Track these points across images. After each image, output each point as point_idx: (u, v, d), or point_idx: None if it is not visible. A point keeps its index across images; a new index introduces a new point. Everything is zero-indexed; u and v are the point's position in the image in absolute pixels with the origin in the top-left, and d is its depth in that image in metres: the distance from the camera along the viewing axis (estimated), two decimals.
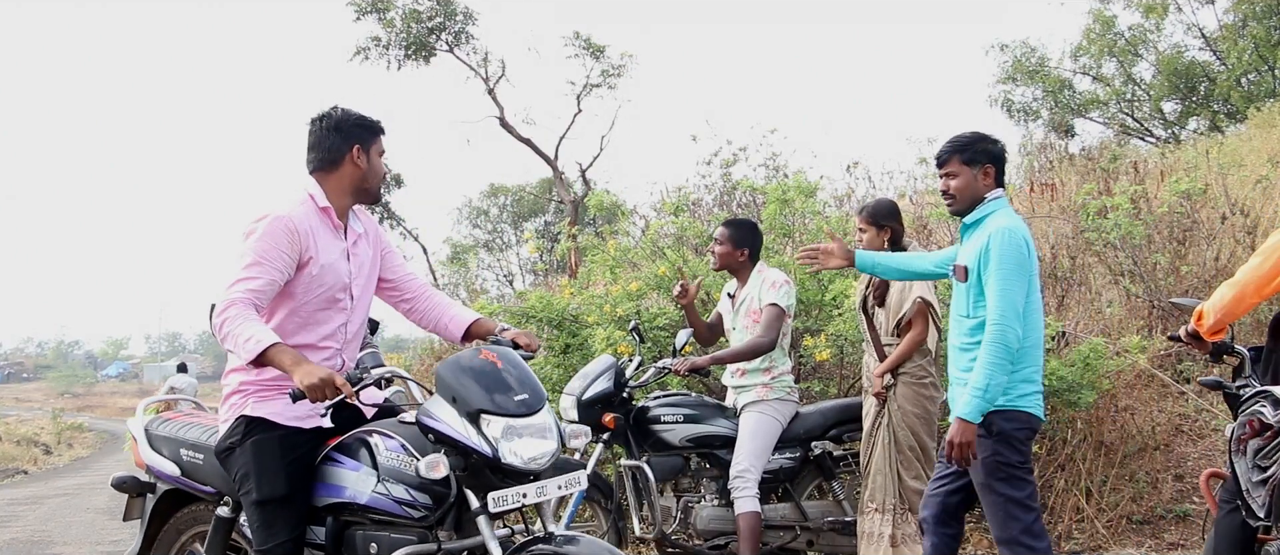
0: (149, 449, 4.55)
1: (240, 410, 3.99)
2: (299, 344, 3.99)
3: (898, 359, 5.93)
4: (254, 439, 3.94)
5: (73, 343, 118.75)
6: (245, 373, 3.97)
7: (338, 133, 4.08)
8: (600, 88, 25.45)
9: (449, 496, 3.82)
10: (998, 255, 4.59)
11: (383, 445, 3.92)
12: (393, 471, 3.86)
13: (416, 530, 3.86)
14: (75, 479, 20.08)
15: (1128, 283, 10.03)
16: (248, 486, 3.91)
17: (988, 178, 4.81)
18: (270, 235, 3.86)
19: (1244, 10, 23.88)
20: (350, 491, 3.94)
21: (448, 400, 3.79)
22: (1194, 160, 13.01)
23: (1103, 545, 7.32)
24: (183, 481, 4.45)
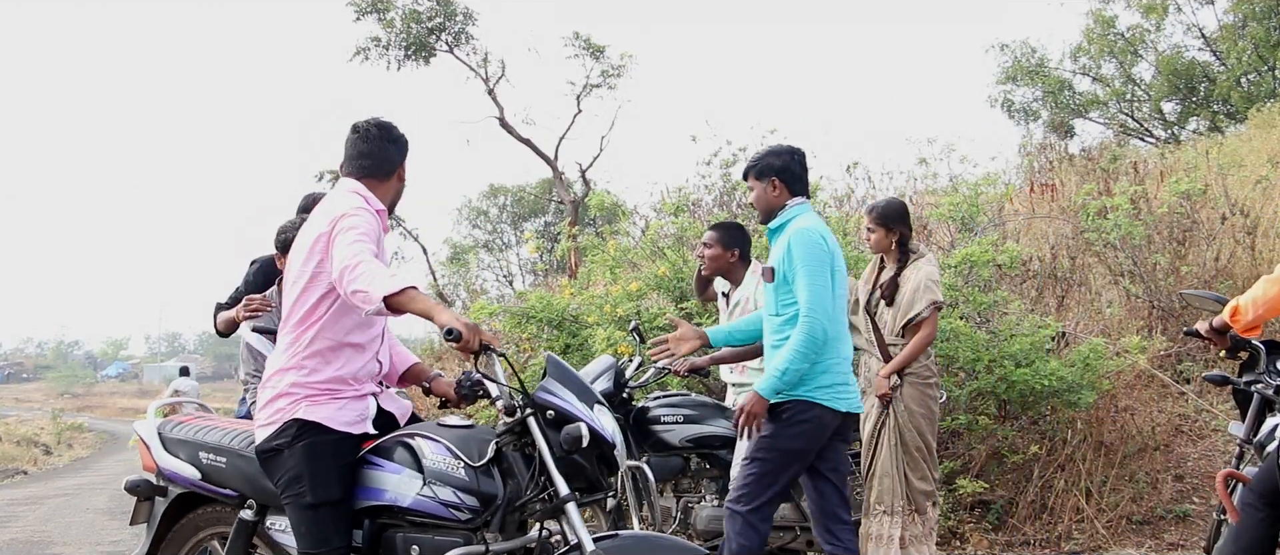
0: (163, 452, 4.49)
1: (290, 413, 3.93)
2: (352, 342, 4.03)
3: (906, 359, 5.92)
4: (306, 442, 3.91)
5: (72, 343, 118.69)
6: (298, 373, 3.95)
7: (395, 145, 4.18)
8: (600, 88, 25.42)
9: (497, 498, 3.87)
10: (800, 254, 4.83)
11: (428, 448, 3.94)
12: (439, 474, 3.89)
13: (461, 532, 3.88)
14: (75, 479, 20.07)
15: (1128, 283, 10.03)
16: (299, 489, 3.90)
17: (776, 189, 5.06)
18: (370, 224, 3.92)
19: (1244, 10, 23.87)
20: (391, 494, 3.94)
21: (564, 385, 3.95)
22: (1194, 161, 13.00)
23: (1103, 545, 7.33)
24: (201, 485, 4.40)
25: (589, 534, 3.81)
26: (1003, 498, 7.75)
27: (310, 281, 3.94)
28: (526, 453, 3.94)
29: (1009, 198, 11.80)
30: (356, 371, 4.05)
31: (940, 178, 12.93)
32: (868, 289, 6.19)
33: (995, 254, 8.16)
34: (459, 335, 3.60)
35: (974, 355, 7.46)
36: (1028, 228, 11.52)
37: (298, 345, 3.97)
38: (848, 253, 7.93)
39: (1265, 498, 4.61)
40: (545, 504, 3.89)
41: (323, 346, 3.96)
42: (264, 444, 3.99)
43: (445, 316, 3.64)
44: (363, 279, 3.66)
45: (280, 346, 4.05)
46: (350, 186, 4.10)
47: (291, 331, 4.00)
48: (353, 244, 3.77)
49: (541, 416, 3.90)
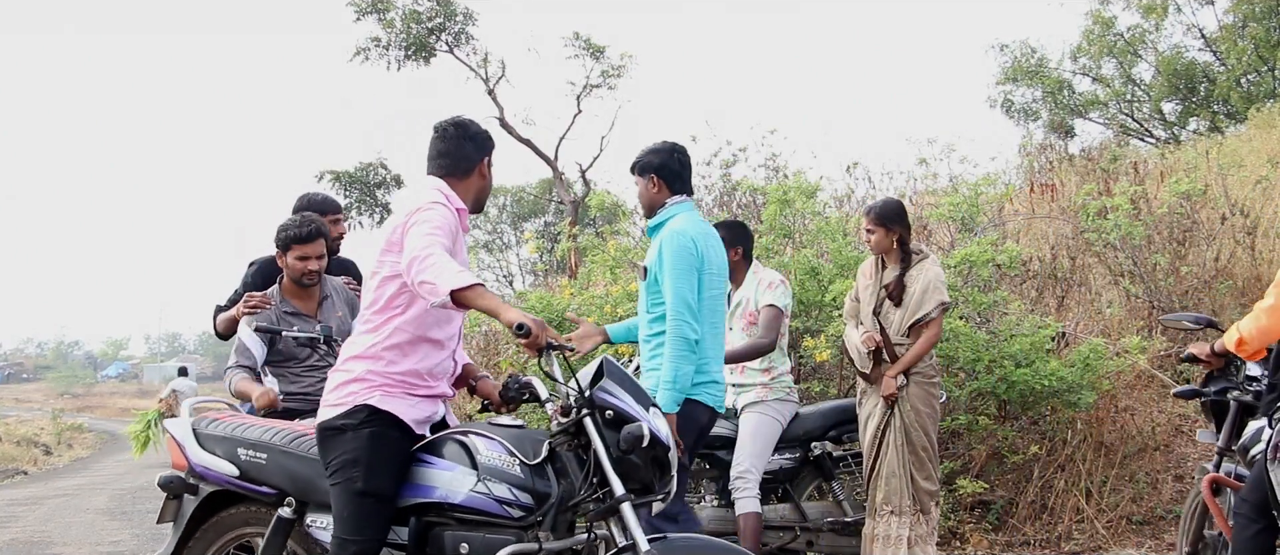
0: (200, 449, 4.45)
1: (363, 398, 3.96)
2: (432, 338, 4.07)
3: (913, 359, 5.94)
4: (372, 430, 3.93)
5: (72, 343, 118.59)
6: (375, 363, 3.98)
7: (473, 143, 4.24)
8: (600, 88, 25.42)
9: (551, 496, 3.89)
10: (669, 256, 4.97)
11: (482, 445, 3.96)
12: (495, 470, 3.91)
13: (512, 531, 3.89)
14: (75, 479, 20.07)
15: (1128, 283, 10.04)
16: (353, 474, 3.91)
17: (655, 186, 5.23)
18: (445, 219, 3.96)
19: (1243, 11, 23.87)
20: (442, 491, 3.96)
21: (621, 386, 3.96)
22: (1194, 161, 13.01)
23: (1103, 546, 7.33)
24: (238, 483, 4.37)
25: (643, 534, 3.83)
26: (1003, 498, 7.76)
27: (388, 271, 3.99)
28: (580, 453, 3.97)
29: (1009, 198, 11.81)
30: (433, 367, 4.10)
31: (940, 178, 12.93)
32: (871, 290, 6.19)
33: (995, 254, 8.16)
34: (529, 331, 3.65)
35: (974, 355, 7.46)
36: (1028, 228, 11.52)
37: (376, 336, 4.01)
38: (849, 253, 7.94)
39: (1258, 508, 4.60)
40: (598, 504, 3.91)
41: (401, 340, 4.00)
42: (329, 421, 4.00)
43: (513, 314, 3.70)
44: (431, 271, 3.70)
45: (357, 336, 4.11)
46: (432, 184, 4.16)
47: (369, 322, 4.05)
48: (425, 236, 3.81)
49: (599, 416, 3.91)
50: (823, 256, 8.30)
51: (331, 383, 4.07)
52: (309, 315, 5.61)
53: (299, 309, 5.60)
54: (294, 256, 5.49)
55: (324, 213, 5.93)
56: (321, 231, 5.55)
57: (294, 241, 5.47)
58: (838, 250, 8.03)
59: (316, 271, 5.55)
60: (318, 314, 5.65)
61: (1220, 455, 5.34)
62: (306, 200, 6.08)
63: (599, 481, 3.90)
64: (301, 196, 6.12)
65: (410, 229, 3.88)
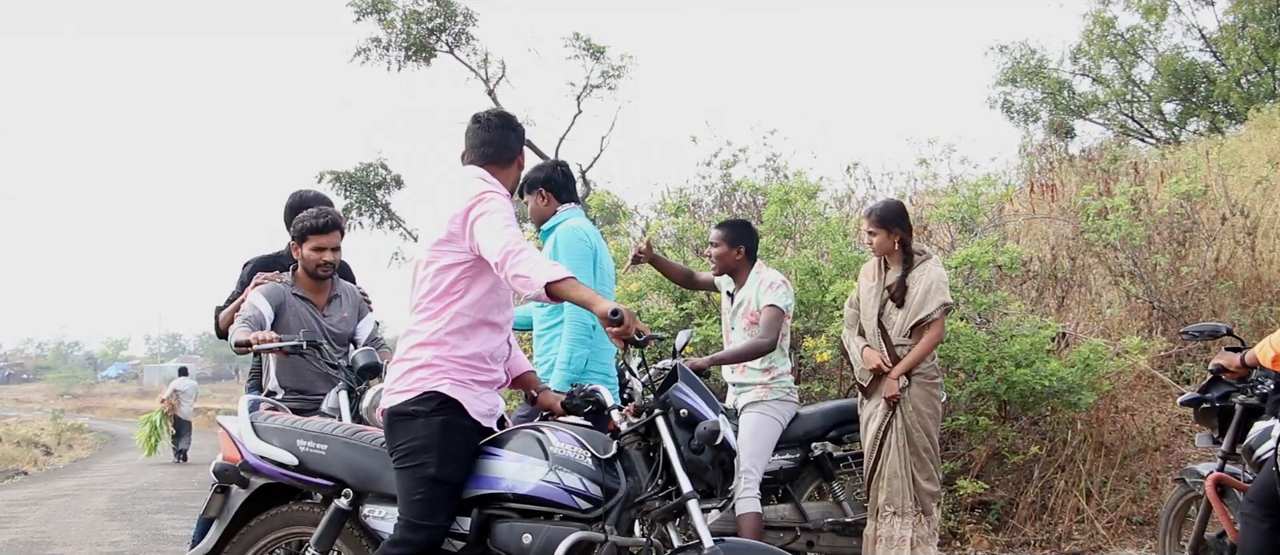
0: (257, 439, 4.44)
1: (432, 384, 4.01)
2: (491, 321, 4.14)
3: (915, 360, 5.94)
4: (444, 418, 3.99)
5: (73, 344, 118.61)
6: (439, 348, 4.04)
7: (515, 133, 4.37)
8: (600, 89, 25.42)
9: (620, 490, 3.96)
10: (563, 249, 5.42)
11: (554, 438, 4.04)
12: (567, 460, 3.98)
13: (578, 523, 3.94)
14: (75, 480, 20.05)
15: (1128, 284, 10.04)
16: (425, 459, 3.95)
17: (545, 199, 5.79)
18: (509, 209, 4.05)
19: (1243, 11, 23.87)
20: (508, 482, 4.01)
21: (695, 391, 4.06)
22: (1194, 161, 13.01)
23: (1103, 546, 7.33)
24: (294, 475, 4.38)
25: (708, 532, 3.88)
26: (1003, 498, 7.75)
27: (447, 259, 4.05)
28: (648, 454, 4.04)
29: (1009, 198, 11.81)
30: (494, 350, 4.17)
31: (940, 179, 12.93)
32: (873, 292, 6.18)
33: (996, 255, 8.17)
34: (622, 319, 3.70)
35: (974, 356, 7.47)
36: (1028, 228, 11.53)
37: (438, 320, 4.06)
38: (849, 254, 7.94)
39: (1265, 507, 4.59)
40: (663, 503, 3.96)
41: (463, 324, 4.06)
42: (398, 406, 4.04)
43: (606, 303, 3.75)
44: (526, 265, 3.79)
45: (417, 324, 4.12)
46: (476, 173, 4.21)
47: (428, 308, 4.08)
48: (506, 227, 3.90)
49: (673, 416, 3.99)
50: (823, 257, 8.30)
51: (397, 370, 4.11)
52: (317, 305, 5.67)
53: (308, 296, 5.66)
54: (309, 248, 5.56)
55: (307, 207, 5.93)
56: (338, 224, 5.62)
57: (310, 232, 5.54)
58: (838, 251, 8.04)
59: (331, 263, 5.62)
60: (325, 308, 5.70)
61: (1224, 458, 5.34)
62: (299, 197, 6.11)
63: (665, 482, 3.96)
64: (293, 194, 6.15)
65: (478, 220, 3.95)
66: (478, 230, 3.94)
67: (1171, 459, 8.13)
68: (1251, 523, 4.65)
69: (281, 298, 5.59)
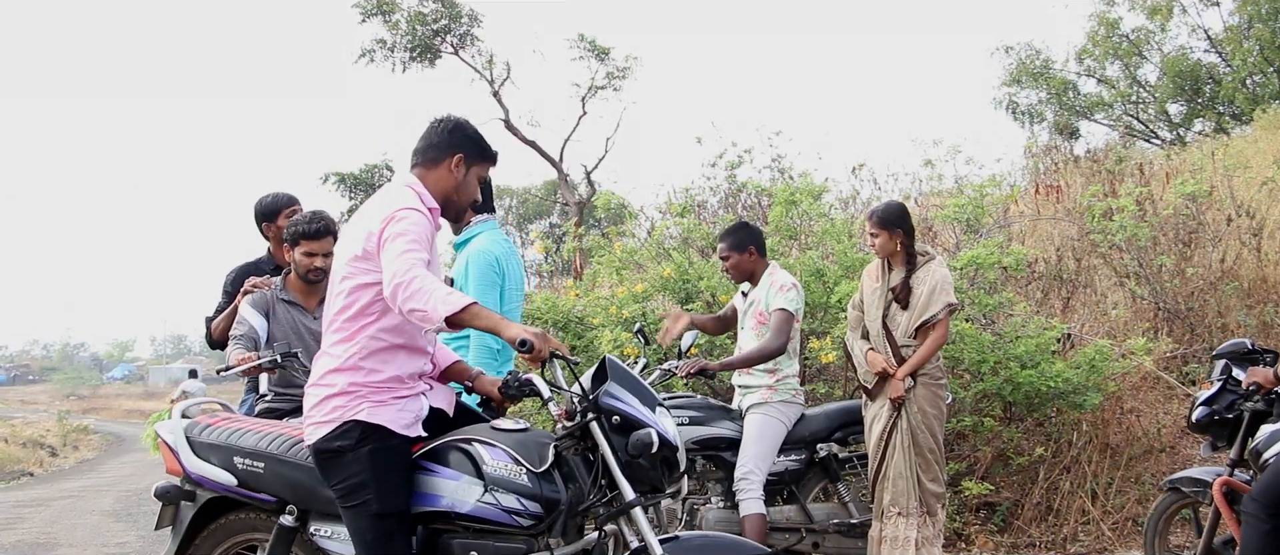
0: (193, 456, 4.33)
1: (351, 413, 3.84)
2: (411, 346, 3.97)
3: (921, 361, 5.93)
4: (372, 448, 3.83)
5: (78, 345, 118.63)
6: (355, 374, 3.86)
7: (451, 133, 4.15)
8: (605, 90, 25.46)
9: (560, 503, 3.85)
10: (474, 273, 5.46)
11: (488, 455, 3.89)
12: (502, 481, 3.85)
13: (522, 538, 3.87)
14: (81, 481, 20.09)
15: (1133, 285, 10.03)
16: (365, 497, 3.82)
17: None
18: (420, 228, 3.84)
19: (1249, 12, 23.85)
20: (448, 501, 3.89)
21: (625, 388, 3.94)
22: (1199, 162, 12.99)
23: (1108, 547, 7.32)
24: (237, 491, 4.27)
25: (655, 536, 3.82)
26: (1008, 500, 7.75)
27: (362, 277, 3.87)
28: (587, 456, 3.95)
29: (1014, 199, 11.79)
30: (414, 371, 4.01)
31: (945, 180, 12.92)
32: (877, 293, 6.17)
33: (1001, 256, 8.16)
34: (531, 346, 3.61)
35: (979, 357, 7.46)
36: (1033, 229, 11.52)
37: (353, 344, 3.88)
38: (854, 255, 7.94)
39: (1269, 508, 4.59)
40: (607, 508, 3.90)
41: (379, 347, 3.89)
42: (322, 444, 3.89)
43: (514, 330, 3.65)
44: (419, 298, 3.61)
45: (330, 346, 3.95)
46: (404, 181, 4.07)
47: (342, 330, 3.91)
48: (402, 255, 3.69)
49: (606, 420, 3.90)
50: (828, 258, 8.30)
51: (313, 398, 3.95)
52: (307, 309, 5.65)
53: (298, 301, 5.64)
54: (301, 252, 5.52)
55: (278, 209, 6.03)
56: (331, 229, 5.56)
57: (302, 237, 5.50)
58: (843, 252, 8.03)
59: (323, 268, 5.52)
60: (316, 310, 5.66)
61: (1232, 465, 5.34)
62: (272, 199, 6.11)
63: (608, 484, 3.88)
64: (262, 197, 6.15)
65: (385, 243, 3.76)
66: (383, 253, 3.75)
67: (1177, 460, 8.12)
68: (1254, 523, 4.65)
69: (268, 305, 5.59)
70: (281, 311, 5.62)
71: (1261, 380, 5.11)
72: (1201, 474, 5.61)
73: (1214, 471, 5.47)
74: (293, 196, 6.18)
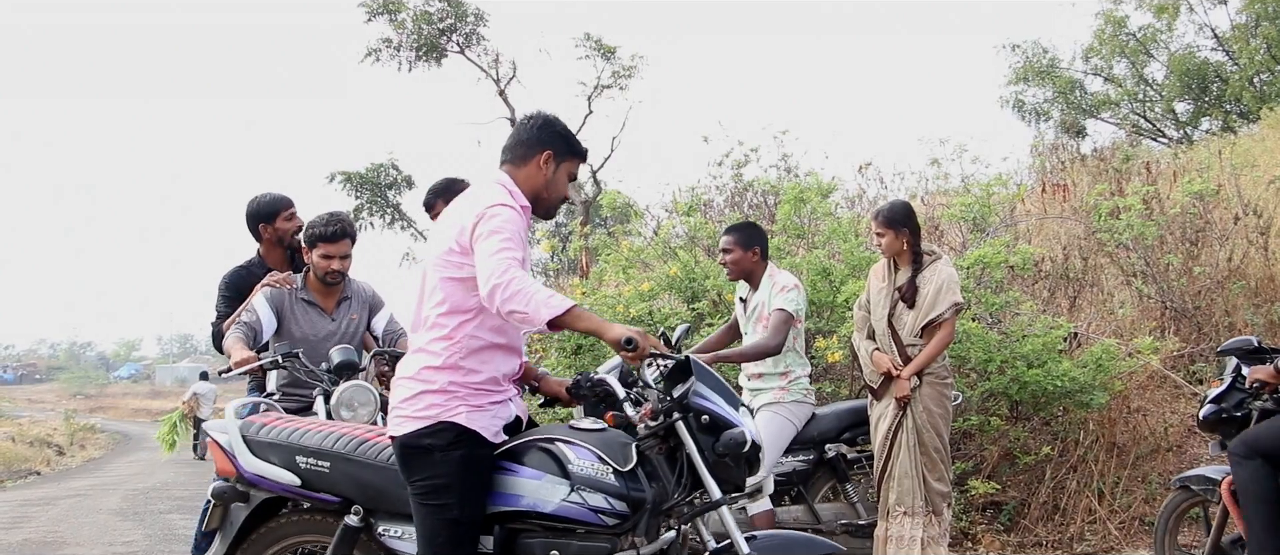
0: (252, 456, 4.23)
1: (448, 414, 3.82)
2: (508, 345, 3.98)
3: (926, 360, 5.92)
4: (463, 453, 3.82)
5: (85, 344, 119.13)
6: (454, 373, 3.85)
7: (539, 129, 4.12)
8: (611, 89, 25.45)
9: (646, 502, 3.85)
10: None
11: (572, 454, 3.89)
12: (589, 480, 3.84)
13: (605, 538, 3.86)
14: (87, 480, 20.09)
15: (1140, 284, 10.00)
16: (446, 500, 3.80)
17: None
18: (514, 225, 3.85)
19: (1256, 10, 23.80)
20: (529, 500, 3.88)
21: (710, 387, 3.95)
22: (1206, 161, 12.95)
23: (1115, 547, 7.31)
24: (298, 491, 4.21)
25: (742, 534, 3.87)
26: (1015, 499, 7.74)
27: (457, 272, 3.86)
28: (670, 455, 3.95)
29: (1021, 198, 11.77)
30: (509, 372, 4.01)
31: (952, 178, 12.91)
32: (883, 293, 6.17)
33: (1008, 256, 8.15)
34: (636, 345, 3.65)
35: (986, 356, 7.45)
36: (1040, 228, 11.49)
37: (453, 342, 3.86)
38: (861, 254, 7.93)
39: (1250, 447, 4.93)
40: (691, 507, 3.94)
41: (479, 346, 3.88)
42: (411, 439, 3.85)
43: (618, 330, 3.68)
44: (520, 300, 3.61)
45: (427, 342, 3.92)
46: (496, 178, 4.05)
47: (440, 325, 3.88)
48: (497, 254, 3.69)
49: (694, 420, 3.91)
50: (835, 257, 8.29)
51: (406, 390, 3.90)
52: (325, 310, 5.71)
53: (316, 301, 5.71)
54: (318, 255, 5.59)
55: (277, 211, 6.02)
56: (348, 232, 5.65)
57: (319, 240, 5.58)
58: (850, 251, 8.02)
59: (340, 271, 5.65)
60: (333, 312, 5.75)
61: None
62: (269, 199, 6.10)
63: (690, 484, 3.91)
64: (253, 198, 6.12)
65: (479, 240, 3.75)
66: (477, 251, 3.75)
67: (1184, 459, 8.10)
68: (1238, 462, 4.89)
69: (281, 302, 5.63)
70: (299, 311, 5.67)
71: (1265, 377, 5.12)
72: (1211, 472, 5.61)
73: (1223, 470, 5.47)
74: (288, 198, 6.16)
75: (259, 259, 6.07)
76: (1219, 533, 5.46)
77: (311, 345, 5.59)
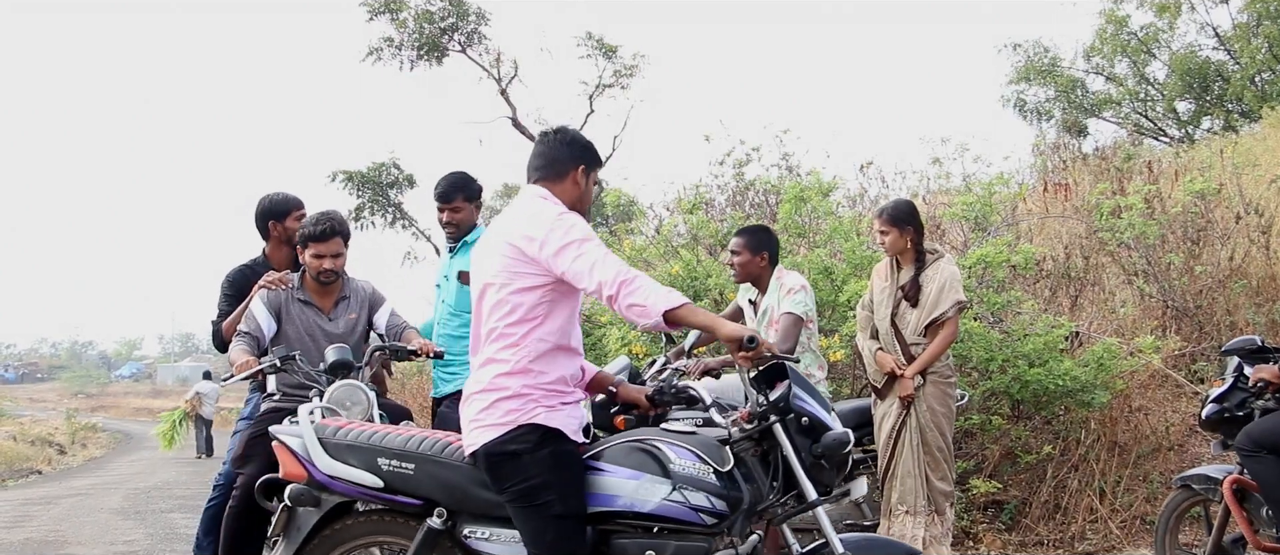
0: (329, 459, 4.16)
1: (527, 417, 3.89)
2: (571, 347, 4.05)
3: (930, 359, 5.92)
4: (552, 450, 3.88)
5: (86, 343, 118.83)
6: (526, 377, 3.92)
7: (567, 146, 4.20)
8: (613, 88, 25.43)
9: (744, 502, 3.91)
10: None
11: (673, 454, 3.93)
12: (691, 479, 3.89)
13: (702, 537, 3.90)
14: (89, 479, 20.11)
15: (1142, 283, 10.01)
16: (547, 498, 3.84)
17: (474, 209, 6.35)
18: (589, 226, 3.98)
19: (1258, 9, 23.77)
20: (626, 500, 3.91)
21: (804, 390, 4.00)
22: (1208, 160, 12.96)
23: (1116, 546, 7.32)
24: (379, 494, 4.15)
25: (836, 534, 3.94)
26: (1016, 498, 7.74)
27: (524, 281, 3.92)
28: (763, 457, 4.00)
29: (1022, 197, 11.78)
30: (572, 374, 4.07)
31: (953, 178, 12.91)
32: (887, 292, 6.16)
33: (1010, 255, 8.15)
34: (757, 342, 3.71)
35: (987, 355, 7.45)
36: (1041, 227, 11.50)
37: (521, 349, 3.93)
38: (862, 253, 7.93)
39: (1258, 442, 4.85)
40: (784, 508, 3.99)
41: (545, 349, 3.94)
42: (496, 447, 3.91)
43: (733, 327, 3.76)
44: (639, 293, 3.71)
45: (496, 352, 3.97)
46: (537, 192, 4.11)
47: (508, 334, 3.95)
48: (606, 256, 3.80)
49: (792, 422, 3.95)
50: (836, 256, 8.29)
51: (481, 401, 3.96)
52: (322, 309, 5.73)
53: (314, 301, 5.72)
54: (310, 255, 5.60)
55: (288, 210, 6.09)
56: (338, 230, 5.64)
57: (309, 240, 5.59)
58: (851, 250, 8.02)
59: (333, 270, 5.65)
60: (331, 312, 5.75)
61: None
62: (280, 199, 6.16)
63: (784, 486, 3.96)
64: (263, 197, 6.19)
65: (567, 247, 3.83)
66: (568, 257, 3.81)
67: (1186, 458, 8.11)
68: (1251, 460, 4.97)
69: (279, 303, 5.65)
70: (295, 311, 5.68)
71: (1269, 377, 5.12)
72: (1213, 471, 5.61)
73: (1224, 469, 5.48)
74: (298, 198, 6.20)
75: (263, 258, 6.10)
76: (1221, 532, 5.47)
77: (310, 346, 5.59)
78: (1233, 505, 5.25)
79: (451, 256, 6.33)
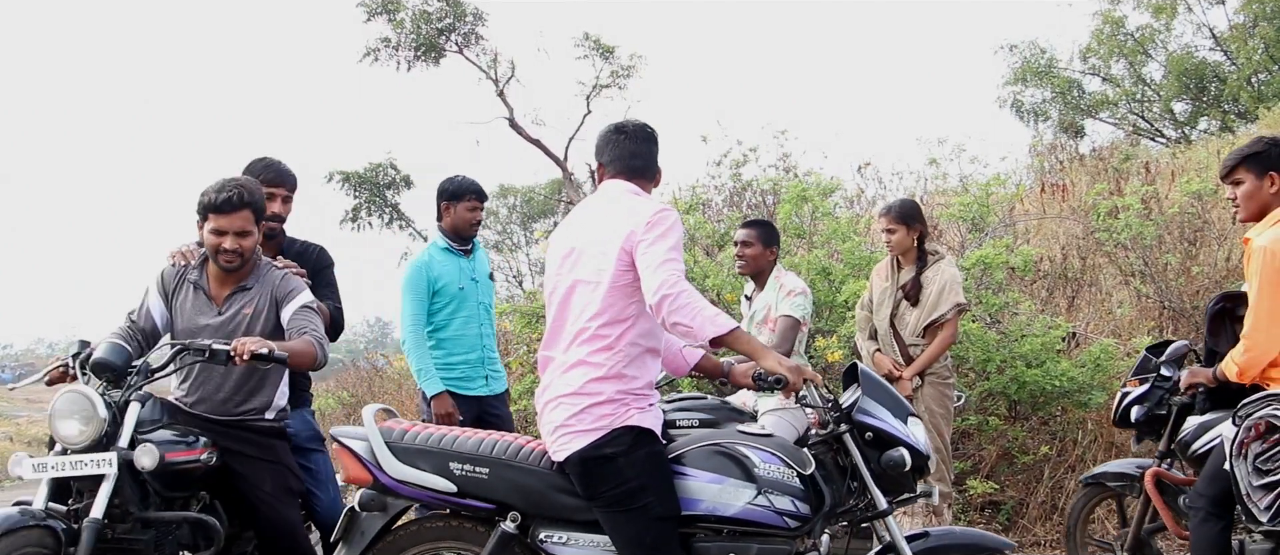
0: (398, 463, 4.05)
1: (622, 420, 3.84)
2: (655, 349, 4.04)
3: (929, 360, 5.93)
4: (647, 451, 3.86)
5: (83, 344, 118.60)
6: (619, 382, 3.87)
7: (656, 146, 4.18)
8: (610, 88, 25.42)
9: (825, 505, 3.96)
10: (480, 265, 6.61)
11: (757, 458, 3.95)
12: (776, 483, 3.92)
13: (784, 540, 3.94)
14: None
15: (1138, 283, 10.02)
16: (646, 500, 3.81)
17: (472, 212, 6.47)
18: (680, 234, 3.91)
19: (1254, 10, 23.84)
20: (709, 504, 3.91)
21: (876, 399, 4.04)
22: (1205, 160, 12.98)
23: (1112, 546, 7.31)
24: (451, 498, 4.06)
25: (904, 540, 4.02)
26: (1013, 498, 7.74)
27: (621, 279, 3.87)
28: (839, 461, 4.06)
29: (1019, 198, 11.79)
30: (656, 377, 4.07)
31: (950, 178, 12.92)
32: (887, 292, 6.17)
33: (1009, 257, 8.16)
34: (786, 382, 3.77)
35: (985, 356, 7.46)
36: (1038, 228, 11.51)
37: (615, 352, 3.88)
38: (861, 254, 7.93)
39: (1217, 502, 4.62)
40: (860, 513, 4.05)
41: (636, 353, 3.92)
42: (590, 452, 3.85)
43: (770, 362, 3.78)
44: (686, 313, 3.66)
45: (588, 353, 3.91)
46: (628, 188, 4.07)
47: (601, 336, 3.89)
48: (667, 264, 3.74)
49: (859, 434, 4.00)
50: (835, 257, 8.29)
51: (571, 406, 3.89)
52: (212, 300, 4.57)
53: (206, 286, 4.59)
54: (209, 229, 4.45)
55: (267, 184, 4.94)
56: (247, 201, 4.44)
57: (209, 210, 4.44)
58: (850, 251, 8.02)
59: (234, 252, 4.45)
60: (222, 303, 4.56)
61: (1161, 457, 5.37)
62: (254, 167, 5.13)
63: (859, 490, 4.02)
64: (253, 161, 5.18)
65: (647, 244, 3.79)
66: (643, 255, 3.77)
67: None
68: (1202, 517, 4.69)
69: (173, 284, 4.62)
70: (187, 298, 4.59)
71: (1205, 381, 5.08)
72: (1122, 467, 5.67)
73: (1138, 464, 5.53)
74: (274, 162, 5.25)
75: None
76: (1140, 524, 5.51)
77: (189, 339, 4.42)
78: (1155, 498, 5.29)
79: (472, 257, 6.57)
